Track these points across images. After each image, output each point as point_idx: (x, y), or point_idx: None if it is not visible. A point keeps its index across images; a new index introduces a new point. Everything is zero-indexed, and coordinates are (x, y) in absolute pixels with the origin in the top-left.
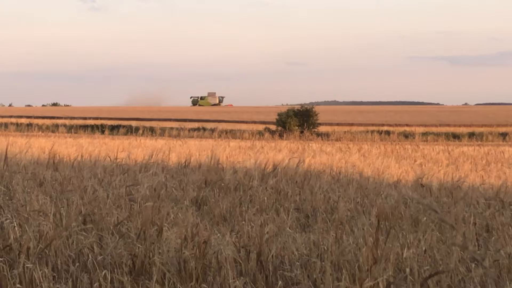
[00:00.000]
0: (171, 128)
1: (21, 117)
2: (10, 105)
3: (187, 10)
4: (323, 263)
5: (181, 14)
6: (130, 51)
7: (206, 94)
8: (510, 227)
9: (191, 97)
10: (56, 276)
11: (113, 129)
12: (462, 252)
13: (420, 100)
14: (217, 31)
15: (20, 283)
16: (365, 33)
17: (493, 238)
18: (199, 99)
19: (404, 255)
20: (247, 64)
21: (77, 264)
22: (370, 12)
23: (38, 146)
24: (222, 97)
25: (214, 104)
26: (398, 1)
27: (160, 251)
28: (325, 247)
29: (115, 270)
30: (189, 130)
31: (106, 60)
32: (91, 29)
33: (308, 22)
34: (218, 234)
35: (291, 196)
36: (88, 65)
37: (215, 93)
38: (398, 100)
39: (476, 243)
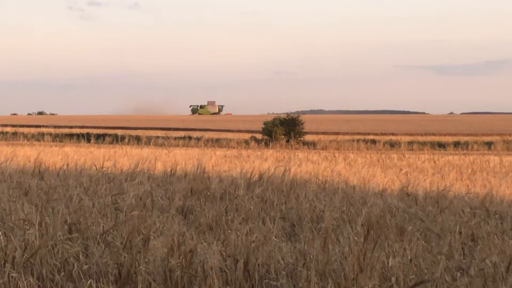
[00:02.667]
0: (157, 137)
1: (6, 125)
2: None
3: (176, 19)
4: (309, 272)
5: (170, 23)
6: (119, 59)
7: (205, 103)
8: (495, 236)
9: (190, 106)
10: (41, 286)
11: (99, 137)
12: (447, 261)
13: (406, 109)
14: (206, 40)
15: None
16: (352, 42)
17: (479, 247)
18: (198, 108)
19: (390, 264)
20: (235, 73)
21: (63, 273)
22: (357, 21)
23: (24, 155)
24: (222, 106)
25: (214, 113)
26: (385, 10)
27: (146, 260)
28: (311, 256)
29: (101, 279)
30: (175, 139)
31: (94, 69)
32: (79, 38)
33: (295, 31)
34: (204, 243)
35: (277, 205)
36: (75, 73)
37: (214, 101)
38: (384, 109)
39: (462, 252)
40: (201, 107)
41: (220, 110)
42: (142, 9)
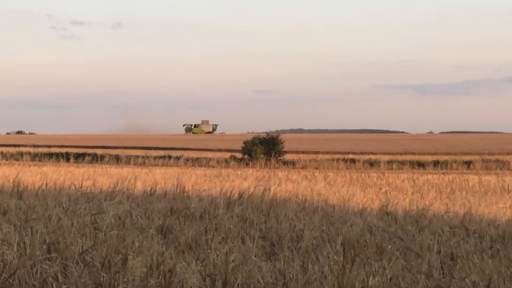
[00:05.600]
0: (137, 156)
1: None
2: None
3: (159, 38)
4: None
5: (153, 43)
6: (100, 79)
7: (199, 122)
8: (474, 255)
9: (184, 125)
10: None
11: (78, 157)
12: (427, 280)
13: (385, 128)
14: (189, 58)
15: None
16: (332, 61)
17: (458, 266)
18: (192, 127)
19: (370, 283)
20: (215, 92)
21: None
22: (337, 40)
23: (2, 174)
24: (216, 125)
25: (208, 132)
26: (365, 29)
27: (125, 280)
28: (291, 276)
29: None
30: (154, 158)
31: (74, 88)
32: (61, 57)
33: (275, 50)
34: (184, 263)
35: (256, 224)
36: (56, 93)
37: (208, 120)
38: (363, 128)
39: (441, 271)
40: (195, 126)
41: (214, 129)
42: (125, 28)
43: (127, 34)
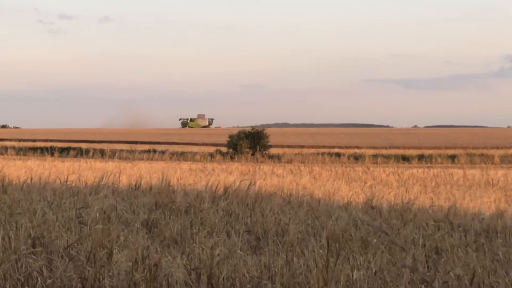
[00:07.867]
0: (122, 150)
1: None
2: None
3: (147, 32)
4: (274, 285)
5: (140, 37)
6: (86, 73)
7: (195, 116)
8: (459, 249)
9: (180, 119)
10: None
11: (63, 151)
12: (412, 274)
13: (370, 123)
14: (176, 53)
15: None
16: (318, 55)
17: (443, 259)
18: (188, 121)
19: (354, 277)
20: (202, 87)
21: (26, 287)
22: (324, 34)
23: None
24: (212, 119)
25: (204, 126)
26: (352, 23)
27: (110, 274)
28: (276, 269)
29: None
30: (139, 152)
31: (60, 82)
32: (48, 51)
33: (261, 44)
34: (169, 257)
35: (242, 218)
36: (41, 86)
37: (204, 115)
38: (348, 122)
39: (426, 265)
40: (191, 120)
41: (210, 123)
42: (112, 22)
43: (114, 28)
